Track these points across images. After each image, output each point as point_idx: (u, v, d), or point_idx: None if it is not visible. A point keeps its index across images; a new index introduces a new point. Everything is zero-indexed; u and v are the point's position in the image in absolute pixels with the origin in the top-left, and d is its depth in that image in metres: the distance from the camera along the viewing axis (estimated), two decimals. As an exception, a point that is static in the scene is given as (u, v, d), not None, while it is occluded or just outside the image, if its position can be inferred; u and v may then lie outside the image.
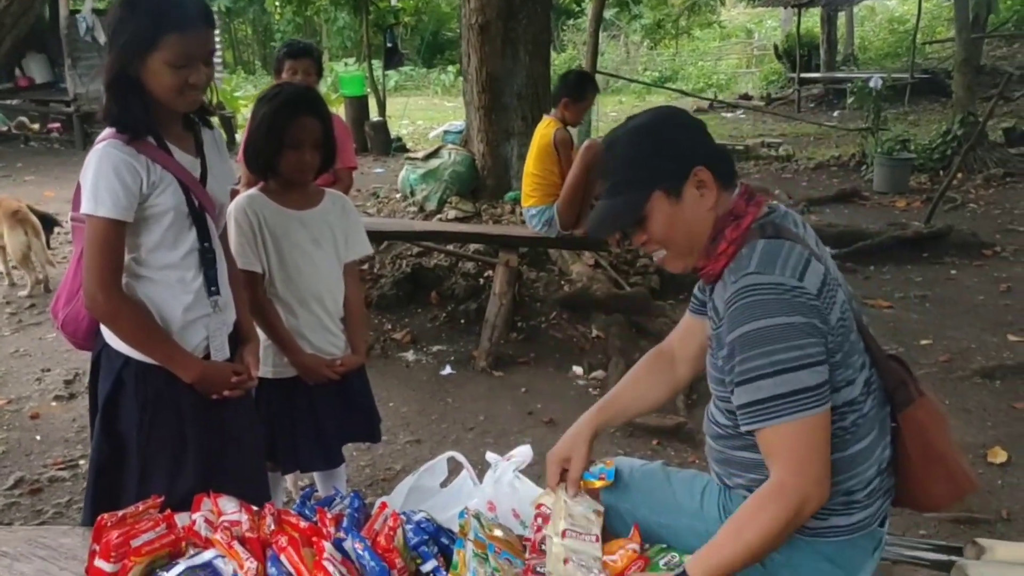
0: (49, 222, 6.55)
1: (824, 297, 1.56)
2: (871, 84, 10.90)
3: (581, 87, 4.89)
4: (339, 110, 12.78)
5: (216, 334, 2.22)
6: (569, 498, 1.88)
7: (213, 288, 2.19)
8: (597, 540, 1.80)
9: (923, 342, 5.13)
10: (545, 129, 4.92)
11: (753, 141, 13.18)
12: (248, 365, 2.30)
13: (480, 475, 2.31)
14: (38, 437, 3.99)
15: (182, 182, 2.09)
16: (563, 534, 1.78)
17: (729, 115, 17.36)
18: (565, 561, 1.71)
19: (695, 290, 1.96)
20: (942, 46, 17.81)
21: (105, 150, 2.00)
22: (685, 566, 1.59)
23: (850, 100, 14.28)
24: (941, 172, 9.62)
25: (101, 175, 1.98)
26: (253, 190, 2.63)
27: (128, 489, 2.15)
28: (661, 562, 1.78)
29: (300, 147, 2.49)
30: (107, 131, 2.06)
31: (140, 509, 1.89)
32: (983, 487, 3.47)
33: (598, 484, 1.94)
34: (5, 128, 14.23)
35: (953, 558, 1.82)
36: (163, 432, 2.17)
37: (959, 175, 8.80)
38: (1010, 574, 1.73)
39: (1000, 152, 10.27)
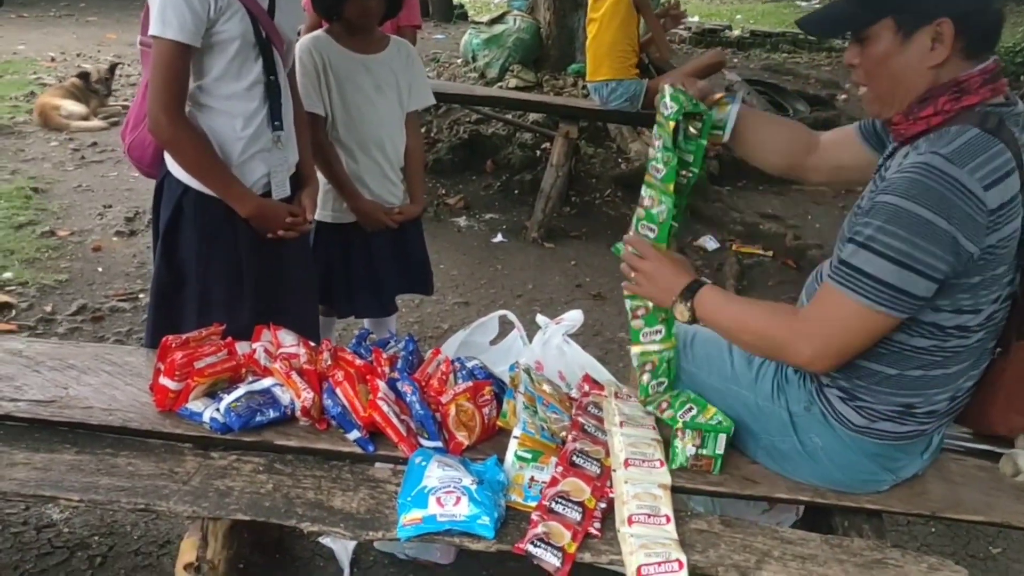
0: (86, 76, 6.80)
1: (998, 216, 1.42)
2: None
3: None
4: (402, -30, 12.41)
5: (277, 170, 2.23)
6: (620, 401, 1.91)
7: (276, 123, 2.18)
8: (653, 428, 1.83)
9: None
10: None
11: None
12: (304, 208, 2.30)
13: (530, 337, 2.33)
14: (100, 269, 4.10)
15: (250, 11, 2.06)
16: (620, 424, 1.81)
17: (804, 3, 16.56)
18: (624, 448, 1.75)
19: (876, 124, 1.81)
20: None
21: None
22: (699, 291, 1.71)
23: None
24: (1023, 77, 9.16)
25: None
26: (319, 31, 2.59)
27: (188, 317, 2.20)
28: (677, 403, 1.83)
29: None
30: None
31: (203, 335, 1.95)
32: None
33: (718, 96, 1.91)
34: (68, -34, 14.10)
35: (1002, 450, 1.82)
36: (221, 262, 2.20)
37: (1042, 81, 8.39)
38: (1062, 466, 1.73)
39: (1091, 59, 9.74)
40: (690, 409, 1.80)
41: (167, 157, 2.18)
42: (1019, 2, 14.30)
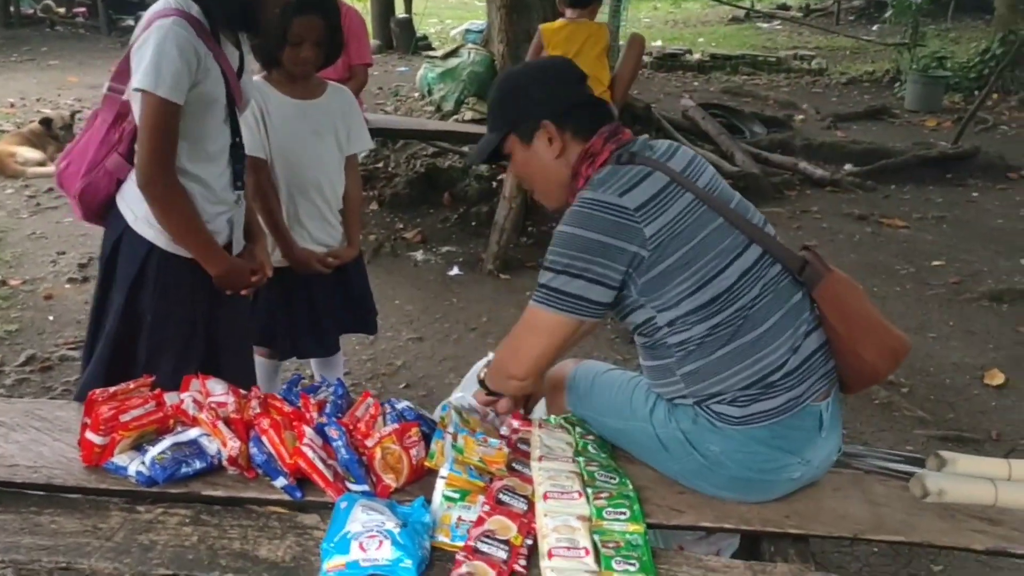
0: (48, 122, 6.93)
1: (645, 210, 1.69)
2: (912, -4, 10.53)
3: None
4: (365, 5, 12.53)
5: (237, 227, 2.25)
6: (545, 432, 1.93)
7: (239, 183, 2.20)
8: (573, 461, 1.85)
9: (935, 263, 5.10)
10: (600, 30, 4.59)
11: (786, 53, 12.85)
12: (262, 264, 2.30)
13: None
14: (51, 317, 4.09)
15: (225, 75, 2.06)
16: (540, 459, 1.83)
17: (765, 25, 16.86)
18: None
19: None
20: (991, -41, 17.06)
21: (173, 28, 1.92)
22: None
23: (889, 13, 13.79)
24: (976, 92, 9.33)
25: (165, 53, 1.90)
26: (257, 78, 2.62)
27: (137, 370, 2.16)
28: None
29: (301, 43, 2.49)
30: (165, 5, 1.98)
31: (131, 387, 1.96)
32: (977, 409, 3.50)
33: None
34: (31, 11, 14.14)
35: (916, 469, 1.85)
36: (175, 319, 2.19)
37: (994, 96, 8.57)
38: (965, 486, 1.76)
39: (1039, 73, 9.96)
40: (622, 512, 1.71)
41: (129, 212, 2.12)
42: (973, 18, 14.62)
